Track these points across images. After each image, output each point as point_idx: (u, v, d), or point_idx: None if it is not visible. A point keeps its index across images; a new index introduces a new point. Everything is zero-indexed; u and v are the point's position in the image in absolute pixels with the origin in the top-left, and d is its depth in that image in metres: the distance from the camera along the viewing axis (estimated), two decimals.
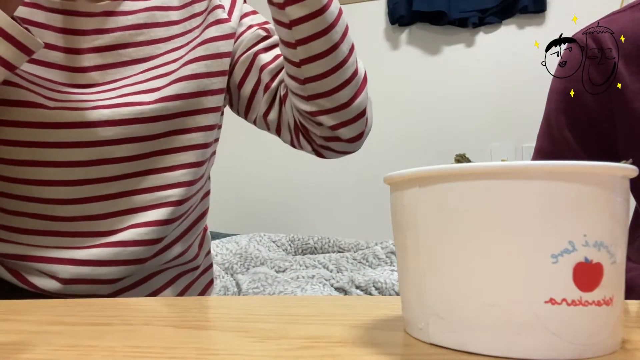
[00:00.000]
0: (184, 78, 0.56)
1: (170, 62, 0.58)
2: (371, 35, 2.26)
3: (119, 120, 0.52)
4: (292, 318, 0.31)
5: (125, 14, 0.57)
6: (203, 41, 0.58)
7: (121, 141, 0.53)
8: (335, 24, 0.51)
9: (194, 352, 0.24)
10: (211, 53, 0.58)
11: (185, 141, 0.57)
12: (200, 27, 0.60)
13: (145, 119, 0.54)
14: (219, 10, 0.61)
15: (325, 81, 0.53)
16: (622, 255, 0.23)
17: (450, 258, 0.23)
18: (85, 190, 0.53)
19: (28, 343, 0.26)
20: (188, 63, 0.57)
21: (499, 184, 0.22)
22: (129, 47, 0.56)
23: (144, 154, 0.55)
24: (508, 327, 0.22)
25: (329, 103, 0.54)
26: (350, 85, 0.54)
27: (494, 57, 2.11)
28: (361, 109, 0.56)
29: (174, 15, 0.60)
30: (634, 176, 0.23)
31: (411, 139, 2.18)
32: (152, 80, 0.56)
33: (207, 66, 0.58)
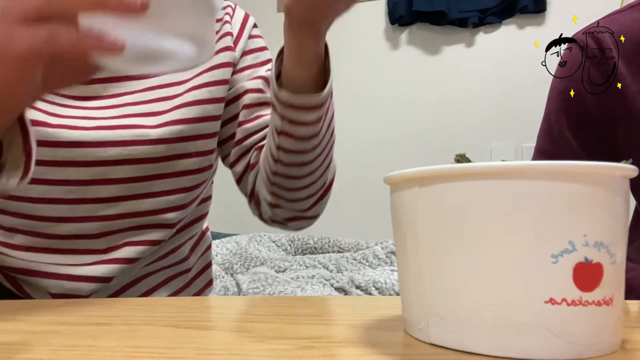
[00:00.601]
0: (188, 104, 0.56)
1: (175, 84, 0.57)
2: (371, 35, 2.26)
3: (120, 141, 0.52)
4: (292, 318, 0.31)
5: None
6: (211, 67, 0.58)
7: (121, 162, 0.52)
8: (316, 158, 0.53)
9: (194, 352, 0.24)
10: (216, 80, 0.58)
11: (184, 166, 0.56)
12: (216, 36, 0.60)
13: (147, 141, 0.53)
14: (228, 37, 0.61)
15: (292, 192, 0.55)
16: (622, 255, 0.23)
17: (450, 258, 0.23)
18: (81, 210, 0.53)
19: (28, 343, 0.26)
20: (193, 89, 0.57)
21: (499, 184, 0.22)
22: None
23: (143, 177, 0.54)
24: (508, 327, 0.22)
25: (289, 205, 0.57)
26: (315, 197, 0.57)
27: (494, 57, 2.11)
28: (318, 212, 0.60)
29: None
30: (634, 176, 0.23)
31: (411, 139, 2.18)
32: (156, 102, 0.56)
33: (210, 92, 0.57)
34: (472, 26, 2.12)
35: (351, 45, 2.30)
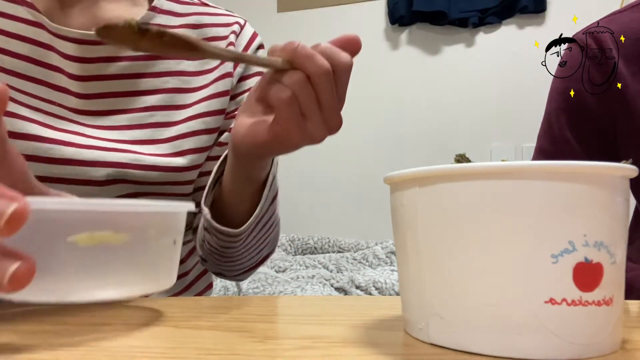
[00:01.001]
0: (182, 136, 0.55)
1: (173, 108, 0.56)
2: (371, 35, 2.26)
3: (114, 162, 0.51)
4: (292, 318, 0.31)
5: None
6: (207, 97, 0.57)
7: (113, 182, 0.52)
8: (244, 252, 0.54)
9: (194, 352, 0.24)
10: (211, 110, 0.57)
11: (178, 190, 0.56)
12: (212, 74, 0.59)
13: (140, 166, 0.52)
14: (230, 48, 0.59)
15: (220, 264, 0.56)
16: (622, 255, 0.23)
17: (450, 258, 0.23)
18: None
19: (28, 343, 0.26)
20: (189, 119, 0.56)
21: (499, 184, 0.22)
22: (140, 78, 0.55)
23: (134, 194, 0.54)
24: (508, 327, 0.22)
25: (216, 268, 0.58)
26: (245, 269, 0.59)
27: (494, 57, 2.11)
28: (248, 275, 0.61)
29: None
30: (634, 176, 0.23)
31: (411, 139, 2.18)
32: (152, 128, 0.55)
33: (205, 123, 0.57)
34: (472, 26, 2.12)
35: None
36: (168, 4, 0.59)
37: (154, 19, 0.57)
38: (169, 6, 0.59)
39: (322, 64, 0.39)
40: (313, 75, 0.39)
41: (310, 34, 2.33)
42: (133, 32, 0.30)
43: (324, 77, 0.39)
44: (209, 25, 0.61)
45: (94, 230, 0.26)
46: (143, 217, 0.28)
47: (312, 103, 0.40)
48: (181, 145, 0.55)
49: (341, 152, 2.22)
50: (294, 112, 0.40)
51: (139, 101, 0.55)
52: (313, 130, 0.41)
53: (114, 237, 0.27)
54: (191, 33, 0.59)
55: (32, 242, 0.25)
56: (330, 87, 0.40)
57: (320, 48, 0.40)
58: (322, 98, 0.40)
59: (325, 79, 0.39)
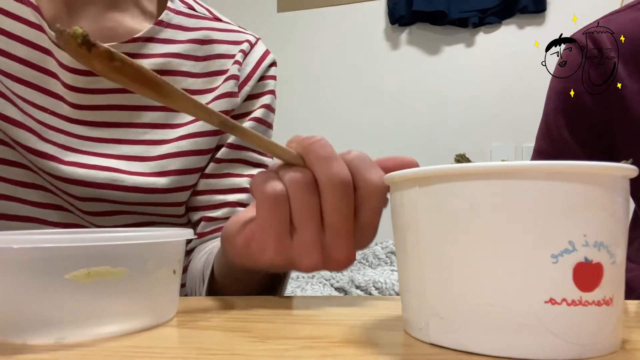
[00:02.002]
0: (170, 155, 0.53)
1: (166, 126, 0.54)
2: (371, 35, 2.27)
3: (90, 182, 0.49)
4: (292, 318, 0.31)
5: (143, 56, 0.53)
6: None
7: (90, 199, 0.50)
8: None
9: (194, 352, 0.24)
10: (204, 130, 0.54)
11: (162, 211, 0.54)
12: (214, 93, 0.56)
13: (118, 187, 0.50)
14: (231, 81, 0.56)
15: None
16: (622, 255, 0.23)
17: (450, 258, 0.23)
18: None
19: (27, 343, 0.26)
20: (179, 139, 0.53)
21: (499, 184, 0.22)
22: (129, 92, 0.52)
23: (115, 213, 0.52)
24: (508, 327, 0.22)
25: None
26: None
27: (494, 57, 2.11)
28: None
29: (193, 67, 0.56)
30: (634, 176, 0.23)
31: (411, 139, 2.18)
32: (142, 145, 0.52)
33: (196, 144, 0.53)
34: (472, 26, 2.12)
35: (351, 45, 2.30)
36: (178, 17, 0.56)
37: (160, 34, 0.54)
38: (179, 20, 0.56)
39: (339, 172, 0.31)
40: (321, 182, 0.31)
41: (310, 34, 2.33)
42: (77, 44, 0.25)
43: (335, 189, 0.31)
44: (218, 41, 0.58)
45: (91, 266, 0.26)
46: (140, 249, 0.28)
47: (309, 214, 0.32)
48: (167, 165, 0.52)
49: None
50: (276, 218, 0.32)
51: (134, 116, 0.53)
52: (300, 250, 0.32)
53: (111, 272, 0.26)
54: (198, 49, 0.56)
55: (29, 281, 0.25)
56: (344, 205, 0.31)
57: (350, 156, 0.32)
58: (327, 215, 0.32)
59: (338, 192, 0.31)
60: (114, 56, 0.26)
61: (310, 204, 0.31)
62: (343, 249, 0.33)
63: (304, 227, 0.32)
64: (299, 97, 2.25)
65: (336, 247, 0.32)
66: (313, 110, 2.27)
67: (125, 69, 0.26)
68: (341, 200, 0.31)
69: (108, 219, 0.53)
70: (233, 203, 0.55)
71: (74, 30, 0.25)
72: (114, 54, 0.26)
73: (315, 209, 0.32)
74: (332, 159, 0.31)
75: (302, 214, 0.32)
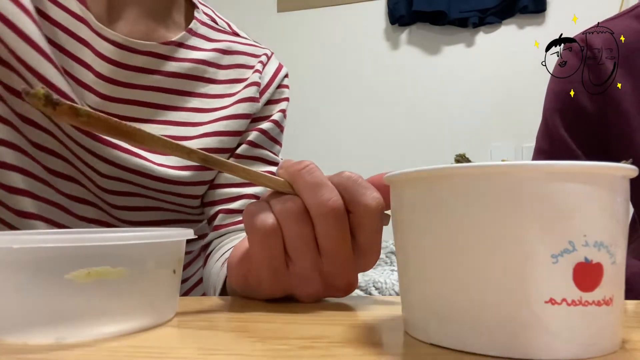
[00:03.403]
0: None
1: (190, 124, 0.56)
2: (371, 35, 2.27)
3: (121, 165, 0.51)
4: (292, 318, 0.31)
5: (175, 59, 0.56)
6: (227, 116, 0.57)
7: (112, 178, 0.52)
8: None
9: (194, 352, 0.24)
10: (229, 130, 0.57)
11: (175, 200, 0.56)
12: (234, 97, 0.59)
13: (147, 175, 0.52)
14: (254, 87, 0.59)
15: None
16: (622, 255, 0.23)
17: (450, 258, 0.23)
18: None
19: (27, 343, 0.26)
20: (204, 136, 0.56)
21: (499, 184, 0.22)
22: (166, 93, 0.55)
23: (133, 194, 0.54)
24: (508, 327, 0.22)
25: None
26: None
27: (494, 57, 2.11)
28: None
29: (215, 74, 0.59)
30: (634, 176, 0.23)
31: (411, 139, 2.18)
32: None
33: (221, 142, 0.56)
34: (472, 26, 2.12)
35: (351, 45, 2.30)
36: (203, 28, 0.60)
37: (188, 41, 0.58)
38: (204, 31, 0.60)
39: (328, 199, 0.30)
40: (311, 210, 0.30)
41: (310, 34, 2.33)
42: (42, 104, 0.25)
43: (326, 217, 0.30)
44: (240, 52, 0.62)
45: (91, 266, 0.26)
46: (140, 249, 0.28)
47: (303, 244, 0.31)
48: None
49: (341, 152, 2.22)
50: (269, 253, 0.31)
51: (159, 114, 0.55)
52: (299, 281, 0.32)
53: (111, 272, 0.26)
54: (220, 57, 0.60)
55: (29, 281, 0.25)
56: (337, 232, 0.31)
57: (340, 179, 0.31)
58: (322, 242, 0.31)
59: (329, 220, 0.30)
60: (79, 112, 0.26)
61: (303, 234, 0.31)
62: (342, 275, 0.32)
63: (299, 257, 0.31)
64: (299, 97, 2.25)
65: (335, 274, 0.32)
66: (313, 110, 2.27)
67: (92, 122, 0.27)
68: (334, 227, 0.30)
69: (124, 199, 0.54)
70: (249, 195, 0.57)
71: (36, 91, 0.25)
72: (78, 110, 0.26)
73: (309, 238, 0.31)
74: (321, 185, 0.30)
75: (297, 244, 0.31)
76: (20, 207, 0.50)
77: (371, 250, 0.33)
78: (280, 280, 0.33)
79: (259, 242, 0.31)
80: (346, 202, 0.31)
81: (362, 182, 0.32)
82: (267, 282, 0.33)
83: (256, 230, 0.31)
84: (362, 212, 0.31)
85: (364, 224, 0.31)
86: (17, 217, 0.50)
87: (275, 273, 0.32)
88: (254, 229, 0.31)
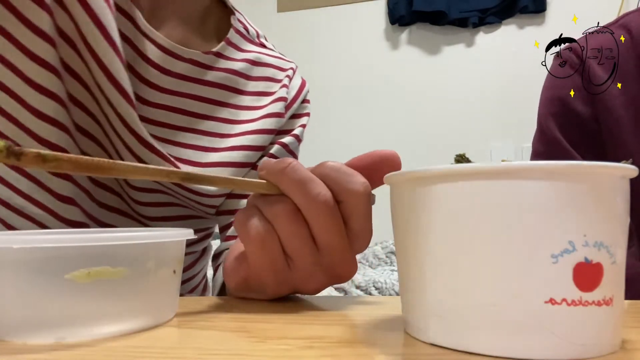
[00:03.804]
0: (223, 164, 0.54)
1: (218, 135, 0.55)
2: (371, 35, 2.27)
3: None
4: (292, 318, 0.31)
5: (214, 69, 0.56)
6: (254, 131, 0.57)
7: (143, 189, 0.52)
8: None
9: (194, 352, 0.24)
10: (256, 145, 0.56)
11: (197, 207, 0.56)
12: (261, 111, 0.58)
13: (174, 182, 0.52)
14: (281, 103, 0.59)
15: None
16: (622, 255, 0.23)
17: (450, 258, 0.23)
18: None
19: (27, 343, 0.26)
20: (231, 149, 0.55)
21: (499, 184, 0.22)
22: (200, 101, 0.54)
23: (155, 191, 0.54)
24: (508, 327, 0.22)
25: None
26: None
27: (494, 57, 2.11)
28: None
29: (244, 85, 0.58)
30: (634, 176, 0.23)
31: (411, 139, 2.18)
32: (195, 150, 0.54)
33: (247, 157, 0.55)
34: (472, 26, 2.12)
35: (351, 45, 2.30)
36: (236, 37, 0.59)
37: (225, 51, 0.57)
38: (236, 40, 0.59)
39: (317, 193, 0.30)
40: (303, 208, 0.31)
41: (310, 34, 2.33)
42: (4, 157, 0.23)
43: (318, 211, 0.30)
44: (268, 65, 0.61)
45: (91, 266, 0.26)
46: (140, 249, 0.28)
47: (300, 242, 0.31)
48: (218, 173, 0.53)
49: (341, 152, 2.22)
50: (268, 257, 0.31)
51: (192, 122, 0.54)
52: (302, 277, 0.32)
53: (111, 272, 0.26)
54: (250, 68, 0.59)
55: (29, 281, 0.25)
56: (331, 224, 0.31)
57: (324, 170, 0.31)
58: (319, 237, 0.31)
59: (322, 214, 0.30)
60: (47, 158, 0.25)
61: (299, 232, 0.31)
62: (343, 264, 0.32)
63: (299, 256, 0.32)
64: None
65: (335, 264, 0.32)
66: (312, 110, 2.27)
67: (63, 165, 0.25)
68: (328, 220, 0.31)
69: (147, 195, 0.53)
70: None
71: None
72: (45, 156, 0.25)
73: (305, 235, 0.31)
74: (307, 181, 0.30)
75: (294, 244, 0.31)
76: (59, 189, 0.49)
77: (364, 233, 0.33)
78: (284, 281, 0.33)
79: (257, 249, 0.31)
80: (334, 192, 0.31)
81: (345, 169, 0.32)
82: (271, 284, 0.33)
83: (252, 238, 0.31)
84: (352, 199, 0.31)
85: (355, 210, 0.31)
86: (54, 199, 0.49)
87: (278, 275, 0.33)
88: (249, 237, 0.31)
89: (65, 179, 0.48)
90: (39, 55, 0.44)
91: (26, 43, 0.43)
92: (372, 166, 0.33)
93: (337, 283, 0.34)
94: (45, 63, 0.44)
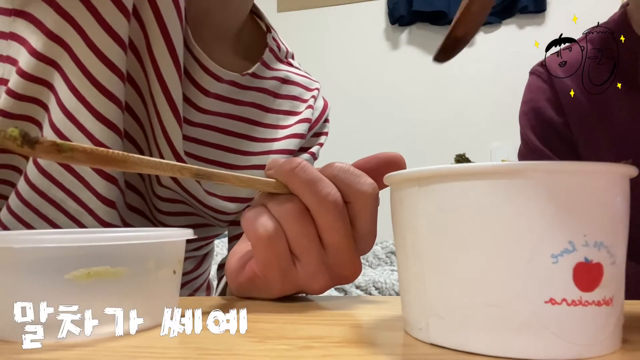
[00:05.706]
0: None
1: (241, 153, 0.55)
2: (371, 35, 2.27)
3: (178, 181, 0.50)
4: (292, 318, 0.31)
5: (249, 88, 0.55)
6: (278, 150, 0.56)
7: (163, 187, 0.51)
8: None
9: (194, 352, 0.24)
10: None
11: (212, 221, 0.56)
12: (286, 131, 0.58)
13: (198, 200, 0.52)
14: (305, 124, 0.59)
15: None
16: (622, 255, 0.23)
17: (450, 258, 0.23)
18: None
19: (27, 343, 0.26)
20: (252, 167, 0.55)
21: (499, 184, 0.22)
22: (228, 118, 0.54)
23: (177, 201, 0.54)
24: (508, 327, 0.22)
25: None
26: None
27: (494, 57, 2.11)
28: None
29: (271, 103, 0.58)
30: (634, 176, 0.23)
31: (411, 139, 2.18)
32: (217, 166, 0.54)
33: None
34: None
35: (351, 45, 2.30)
36: (269, 55, 0.59)
37: (259, 70, 0.57)
38: (268, 58, 0.59)
39: (327, 194, 0.30)
40: (311, 208, 0.31)
41: (310, 34, 2.33)
42: (18, 145, 0.23)
43: (327, 212, 0.30)
44: (296, 83, 0.61)
45: (91, 266, 0.26)
46: (140, 249, 0.28)
47: (308, 242, 0.31)
48: (237, 191, 0.53)
49: (341, 153, 2.22)
50: (275, 253, 0.31)
51: (225, 140, 0.54)
52: (307, 277, 0.32)
53: (111, 272, 0.26)
54: (279, 86, 0.59)
55: (29, 281, 0.25)
56: (339, 225, 0.31)
57: (333, 170, 0.31)
58: (326, 237, 0.32)
59: (331, 214, 0.31)
60: (63, 147, 0.25)
61: (306, 232, 0.31)
62: (348, 265, 0.33)
63: (305, 255, 0.32)
64: None
65: (341, 264, 0.32)
66: None
67: (77, 156, 0.25)
68: (336, 220, 0.31)
69: (170, 205, 0.53)
70: None
71: (10, 131, 0.23)
72: (61, 145, 0.25)
73: (313, 235, 0.31)
74: (317, 181, 0.30)
75: (302, 243, 0.31)
76: (105, 193, 0.48)
77: (370, 234, 0.33)
78: (290, 280, 0.33)
79: (264, 247, 0.31)
80: (343, 193, 0.31)
81: (353, 170, 0.32)
82: (277, 283, 0.33)
83: (260, 236, 0.31)
84: (361, 200, 0.31)
85: (363, 212, 0.32)
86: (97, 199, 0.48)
87: (284, 273, 0.33)
88: (256, 235, 0.31)
89: (111, 182, 0.48)
90: (110, 59, 0.43)
91: (100, 45, 0.43)
92: (377, 168, 0.33)
93: (342, 284, 0.34)
94: (115, 67, 0.44)
